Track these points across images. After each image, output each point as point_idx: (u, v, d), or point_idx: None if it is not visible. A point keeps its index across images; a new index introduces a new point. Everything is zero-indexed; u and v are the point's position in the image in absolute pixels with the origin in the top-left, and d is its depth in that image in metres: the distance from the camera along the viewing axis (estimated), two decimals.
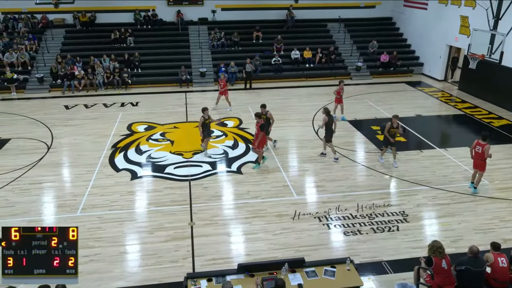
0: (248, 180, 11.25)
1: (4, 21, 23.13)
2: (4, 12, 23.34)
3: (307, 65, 22.45)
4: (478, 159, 10.20)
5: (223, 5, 24.50)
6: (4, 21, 23.13)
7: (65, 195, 10.58)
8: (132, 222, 9.35)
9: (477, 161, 10.24)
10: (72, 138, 14.15)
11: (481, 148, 10.02)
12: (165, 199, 10.31)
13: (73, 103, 18.15)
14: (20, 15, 23.34)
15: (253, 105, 17.36)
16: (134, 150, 13.09)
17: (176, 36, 23.66)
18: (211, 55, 22.63)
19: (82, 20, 23.38)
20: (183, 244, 8.55)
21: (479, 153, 10.10)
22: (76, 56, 20.97)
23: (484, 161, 10.15)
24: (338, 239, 8.81)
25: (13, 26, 23.04)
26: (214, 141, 13.77)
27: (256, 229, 9.06)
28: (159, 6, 24.16)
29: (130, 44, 22.63)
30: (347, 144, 13.56)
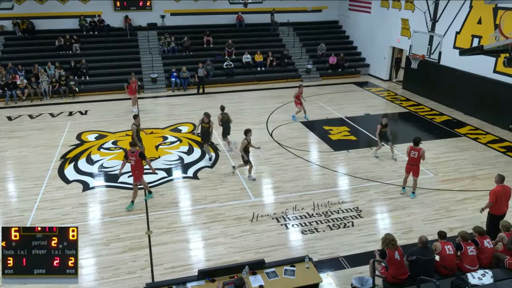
0: (205, 185, 11.16)
1: None
2: None
3: (259, 68, 22.66)
4: (415, 164, 10.16)
5: (172, 10, 24.21)
6: None
7: (11, 211, 9.98)
8: (86, 235, 8.98)
9: (414, 166, 10.18)
10: (17, 151, 13.39)
11: (416, 153, 10.00)
12: (120, 209, 10.00)
13: (17, 114, 17.19)
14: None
15: (207, 110, 17.22)
16: (85, 160, 12.61)
17: (124, 42, 23.08)
18: (162, 61, 22.27)
19: (22, 27, 22.19)
20: (141, 254, 8.34)
21: (415, 158, 10.06)
22: (18, 65, 19.87)
23: (419, 166, 10.25)
24: (296, 238, 8.94)
25: None
26: (169, 147, 13.55)
27: (215, 234, 9.00)
28: (105, 11, 23.44)
29: (76, 51, 21.78)
30: (301, 144, 13.82)
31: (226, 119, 13.11)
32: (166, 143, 13.96)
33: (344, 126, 15.55)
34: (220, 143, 13.83)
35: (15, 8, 21.88)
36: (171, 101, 19.18)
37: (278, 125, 15.48)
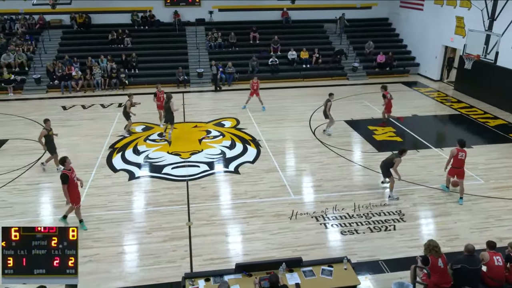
0: (246, 180, 11.25)
1: (1, 22, 23.04)
2: (1, 13, 23.24)
3: (304, 65, 22.48)
4: (461, 167, 9.90)
5: (220, 6, 24.50)
6: (1, 22, 23.04)
7: (62, 196, 10.50)
8: (130, 223, 9.34)
9: (460, 169, 9.92)
10: (70, 139, 14.10)
11: (464, 154, 9.78)
12: (163, 199, 10.30)
13: (71, 104, 18.10)
14: (17, 16, 23.26)
15: (250, 105, 17.35)
16: (132, 151, 13.07)
17: (173, 37, 23.64)
18: (208, 56, 22.62)
19: (79, 21, 23.32)
20: (181, 244, 8.55)
21: (462, 160, 9.81)
22: (73, 57, 20.91)
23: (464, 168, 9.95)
24: (335, 238, 8.82)
25: (10, 27, 22.97)
26: (212, 141, 13.78)
27: (254, 229, 9.06)
28: (156, 7, 24.14)
29: (127, 45, 22.60)
30: (344, 143, 13.59)
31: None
32: (209, 137, 14.19)
33: (390, 127, 15.12)
34: (262, 139, 13.87)
35: (73, 3, 22.99)
36: (216, 96, 19.46)
37: (321, 123, 15.29)
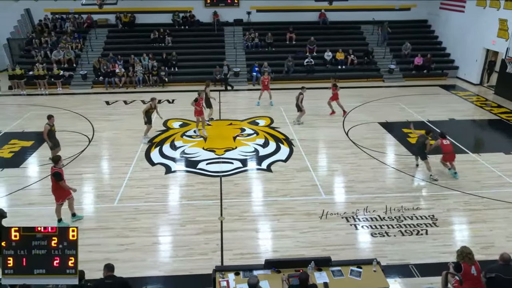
0: (278, 178, 11.25)
1: (53, 21, 24.12)
2: (53, 12, 24.34)
3: (339, 66, 22.18)
4: (451, 151, 11.09)
5: (258, 7, 24.57)
6: (53, 21, 24.12)
7: (104, 186, 10.94)
8: (165, 214, 9.56)
9: (451, 154, 11.08)
10: (112, 133, 14.58)
11: (448, 141, 11.13)
12: (197, 193, 10.47)
13: (114, 99, 18.70)
14: (67, 15, 24.29)
15: (284, 105, 17.33)
16: (169, 146, 13.36)
17: (212, 36, 23.94)
18: (245, 55, 22.75)
19: (124, 20, 24.05)
20: (213, 238, 8.66)
21: (449, 145, 11.11)
22: (117, 55, 21.59)
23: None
24: (365, 240, 8.68)
25: (61, 26, 24.00)
26: (246, 138, 13.85)
27: (284, 227, 9.05)
28: (196, 7, 24.54)
29: (168, 44, 23.09)
30: (377, 145, 13.31)
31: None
32: (243, 134, 14.28)
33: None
34: (295, 138, 13.82)
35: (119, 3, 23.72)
36: (251, 95, 19.53)
37: (354, 124, 15.06)
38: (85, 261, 7.72)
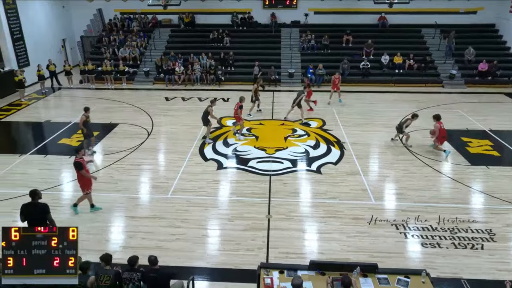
0: (327, 181, 11.08)
1: (121, 20, 25.43)
2: (122, 12, 25.67)
3: (397, 70, 21.39)
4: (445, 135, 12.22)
5: (316, 9, 24.34)
6: (121, 20, 25.43)
7: (159, 178, 11.37)
8: (215, 209, 9.75)
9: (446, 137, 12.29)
10: (169, 127, 15.11)
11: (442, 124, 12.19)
12: (246, 190, 10.57)
13: (172, 96, 19.36)
14: (134, 15, 25.50)
15: (337, 108, 17.04)
16: (222, 143, 13.60)
17: (268, 37, 24.04)
18: (301, 57, 22.61)
19: (186, 20, 24.83)
20: (259, 235, 8.71)
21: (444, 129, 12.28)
22: (178, 53, 22.33)
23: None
24: (415, 249, 8.31)
25: (128, 25, 25.25)
26: (297, 139, 13.78)
27: (331, 229, 8.90)
28: (255, 8, 24.76)
29: (226, 44, 23.51)
30: (433, 153, 12.69)
31: None
32: (294, 135, 14.21)
33: (487, 140, 13.77)
34: (347, 142, 13.53)
35: (181, 4, 24.59)
36: None
37: (409, 130, 14.44)
38: (138, 248, 8.11)
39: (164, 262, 7.22)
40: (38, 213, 7.28)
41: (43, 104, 18.62)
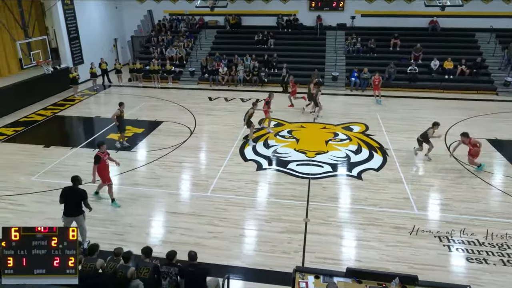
0: (368, 187, 10.82)
1: (170, 21, 26.19)
2: (171, 14, 26.44)
3: (447, 76, 20.52)
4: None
5: (363, 11, 23.86)
6: (170, 21, 26.19)
7: (200, 176, 11.59)
8: (253, 209, 9.79)
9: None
10: (211, 127, 15.36)
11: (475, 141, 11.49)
12: (285, 193, 10.54)
13: (216, 96, 19.67)
14: (182, 16, 26.18)
15: (381, 113, 16.61)
16: (262, 144, 13.65)
17: (313, 40, 23.84)
18: (345, 60, 22.25)
19: (232, 22, 25.16)
20: (296, 238, 8.65)
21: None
22: (223, 54, 22.66)
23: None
24: (459, 264, 7.92)
25: (176, 26, 25.95)
26: (338, 143, 13.57)
27: (370, 237, 8.68)
28: (301, 11, 24.66)
29: (270, 46, 23.58)
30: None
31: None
32: (336, 139, 14.00)
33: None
34: (390, 148, 13.15)
35: (228, 6, 24.96)
36: (348, 100, 19.07)
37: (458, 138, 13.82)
38: (176, 243, 8.30)
39: (201, 259, 7.32)
40: (76, 198, 7.88)
41: (94, 100, 19.54)
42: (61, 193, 7.99)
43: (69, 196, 7.92)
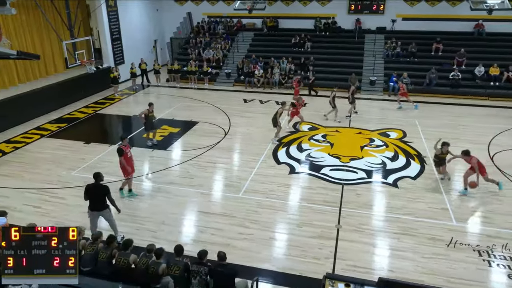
0: (404, 195, 10.52)
1: (208, 23, 26.62)
2: (209, 16, 26.87)
3: (492, 83, 19.63)
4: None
5: (404, 15, 23.27)
6: (208, 23, 26.62)
7: (232, 177, 11.67)
8: (284, 213, 9.75)
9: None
10: (246, 129, 15.45)
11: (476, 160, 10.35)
12: (317, 197, 10.43)
13: (251, 98, 19.77)
14: (220, 19, 26.54)
15: (420, 119, 16.13)
16: (296, 147, 13.57)
17: (351, 43, 23.50)
18: (384, 64, 21.77)
19: (269, 24, 25.24)
20: (327, 244, 8.53)
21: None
22: (259, 57, 22.76)
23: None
24: (500, 280, 7.54)
25: (214, 28, 26.34)
26: (374, 149, 13.28)
27: (404, 247, 8.42)
28: (339, 14, 24.38)
29: (307, 49, 23.45)
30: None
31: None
32: (372, 145, 13.71)
33: None
34: (428, 156, 12.73)
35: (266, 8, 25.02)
36: (385, 105, 18.65)
37: (503, 149, 13.19)
38: (207, 242, 8.40)
39: (231, 260, 7.37)
40: (99, 193, 8.25)
41: (133, 99, 20.15)
42: (85, 190, 8.36)
43: (93, 192, 8.31)
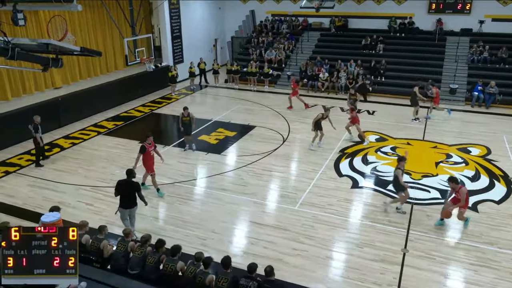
0: (484, 221, 9.85)
1: (271, 22, 26.93)
2: (273, 14, 27.17)
3: None
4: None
5: (494, 15, 21.91)
6: (271, 22, 26.93)
7: (288, 187, 11.64)
8: (343, 230, 9.54)
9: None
10: (305, 136, 15.35)
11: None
12: (381, 216, 10.09)
13: (313, 103, 19.62)
14: (285, 18, 26.72)
15: (509, 136, 15.07)
16: (361, 159, 13.25)
17: (430, 46, 22.56)
18: (468, 71, 20.64)
19: (337, 24, 24.98)
20: (391, 269, 8.21)
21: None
22: (325, 59, 22.57)
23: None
24: None
25: (278, 27, 26.58)
26: (451, 167, 12.60)
27: (482, 281, 7.87)
28: (418, 13, 23.52)
29: (379, 51, 22.88)
30: None
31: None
32: (449, 161, 13.02)
33: None
34: None
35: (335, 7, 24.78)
36: (467, 118, 17.64)
37: None
38: (258, 255, 8.44)
39: (281, 276, 7.35)
40: (131, 190, 8.82)
41: (190, 99, 20.85)
42: (116, 186, 8.92)
43: (124, 188, 8.83)
